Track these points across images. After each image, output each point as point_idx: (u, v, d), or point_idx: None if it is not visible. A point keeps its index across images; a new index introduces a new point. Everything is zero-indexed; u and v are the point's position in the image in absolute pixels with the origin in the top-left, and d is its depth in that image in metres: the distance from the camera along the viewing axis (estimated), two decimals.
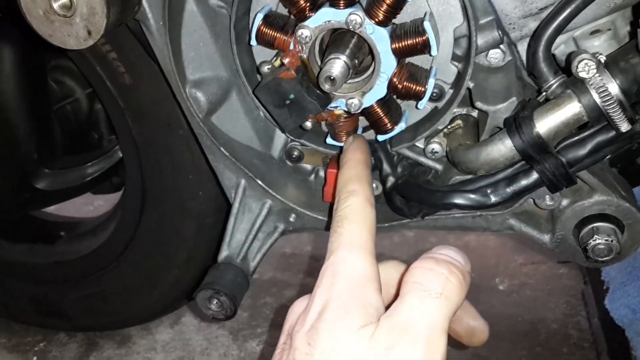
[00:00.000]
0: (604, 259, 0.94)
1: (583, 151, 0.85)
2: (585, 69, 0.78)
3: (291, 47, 0.90)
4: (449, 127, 0.98)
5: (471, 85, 0.92)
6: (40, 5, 0.80)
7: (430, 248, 0.65)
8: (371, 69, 0.92)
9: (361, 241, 0.64)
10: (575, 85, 0.82)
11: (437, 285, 0.57)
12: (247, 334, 1.77)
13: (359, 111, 0.94)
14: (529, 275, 1.99)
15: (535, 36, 0.84)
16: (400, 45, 0.87)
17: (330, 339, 0.56)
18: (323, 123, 1.02)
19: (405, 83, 0.91)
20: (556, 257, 1.92)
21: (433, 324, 0.55)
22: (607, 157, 0.88)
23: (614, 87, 0.79)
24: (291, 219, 1.08)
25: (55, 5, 0.80)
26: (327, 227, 1.05)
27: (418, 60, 0.94)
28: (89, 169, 1.52)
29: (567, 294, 1.90)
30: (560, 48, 0.91)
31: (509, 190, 0.88)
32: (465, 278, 0.60)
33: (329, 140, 1.02)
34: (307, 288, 0.63)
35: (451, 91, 0.96)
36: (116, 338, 1.75)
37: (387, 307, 0.59)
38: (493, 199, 0.89)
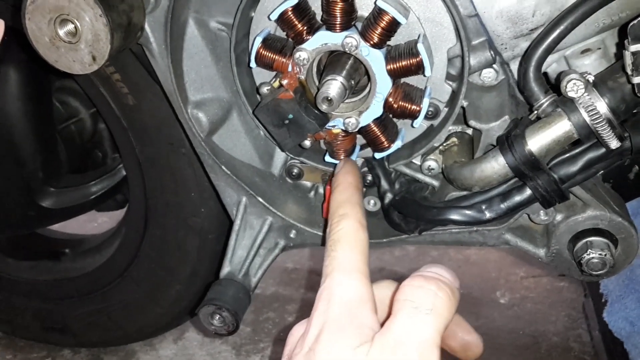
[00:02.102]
0: (598, 272, 0.95)
1: (574, 168, 0.87)
2: (574, 88, 0.80)
3: (289, 68, 0.93)
4: (444, 144, 1.00)
5: (465, 103, 0.94)
6: (47, 32, 0.82)
7: (431, 262, 0.66)
8: (367, 89, 0.95)
9: (354, 264, 0.66)
10: (565, 104, 0.84)
11: (427, 301, 0.59)
12: (250, 349, 1.78)
13: (356, 130, 0.96)
14: (530, 289, 2.00)
15: (526, 56, 0.87)
16: (395, 66, 0.90)
17: None
18: (321, 141, 1.04)
19: (400, 103, 0.94)
20: (556, 270, 1.94)
21: (424, 340, 0.56)
22: (599, 173, 0.90)
23: (602, 106, 0.81)
24: (292, 235, 1.10)
25: (61, 32, 0.82)
26: (323, 242, 1.06)
27: (413, 80, 0.96)
28: (93, 187, 1.53)
29: (568, 307, 1.91)
30: (552, 67, 0.93)
31: (503, 206, 0.90)
32: (454, 293, 0.61)
33: (328, 158, 1.04)
34: (308, 303, 0.65)
35: (446, 109, 0.99)
36: (120, 354, 1.76)
37: (383, 325, 0.60)
38: (488, 214, 0.91)
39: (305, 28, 0.91)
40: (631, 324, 1.47)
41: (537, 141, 0.85)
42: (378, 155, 1.01)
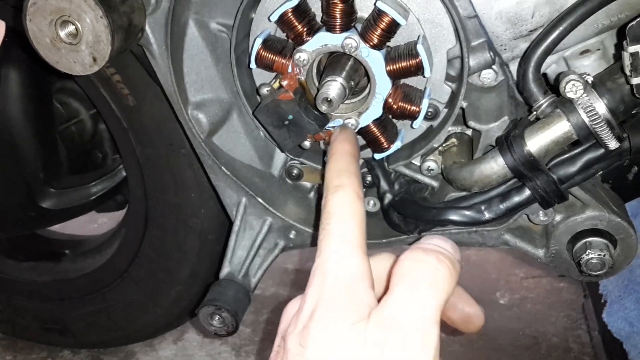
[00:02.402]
0: (598, 273, 0.96)
1: (573, 168, 0.87)
2: (572, 89, 0.80)
3: (289, 69, 0.93)
4: (444, 145, 1.00)
5: (465, 104, 0.94)
6: (47, 33, 0.82)
7: None
8: (367, 90, 0.95)
9: (351, 237, 0.62)
10: (564, 104, 0.84)
11: (426, 275, 0.56)
12: (250, 349, 1.78)
13: (356, 131, 0.97)
14: (530, 289, 2.00)
15: (525, 57, 0.87)
16: (395, 67, 0.90)
17: (322, 338, 0.55)
18: (321, 142, 1.04)
19: (400, 103, 0.94)
20: (555, 270, 1.94)
21: (424, 315, 0.54)
22: (598, 173, 0.91)
23: (601, 107, 0.81)
24: (291, 236, 1.10)
25: (62, 34, 0.82)
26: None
27: (413, 81, 0.96)
28: (94, 188, 1.53)
29: (568, 307, 1.91)
30: (552, 67, 0.94)
31: (502, 206, 0.91)
32: (455, 266, 0.58)
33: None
34: None
35: (445, 110, 0.99)
36: (120, 354, 1.76)
37: (380, 301, 0.57)
38: (487, 215, 0.91)
39: (305, 29, 0.91)
40: (630, 324, 1.47)
41: (536, 142, 0.86)
42: (378, 156, 1.01)
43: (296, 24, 0.91)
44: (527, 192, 0.89)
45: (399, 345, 0.53)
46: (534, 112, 0.88)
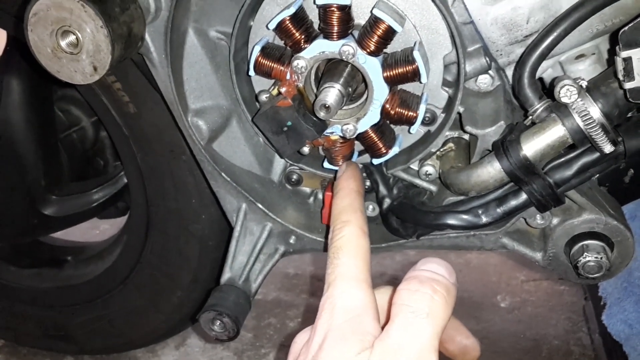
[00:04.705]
0: (595, 275, 0.96)
1: (569, 172, 0.88)
2: (567, 94, 0.81)
3: (288, 76, 0.94)
4: (441, 149, 1.01)
5: (461, 109, 0.95)
6: (49, 43, 0.83)
7: None
8: (365, 96, 0.96)
9: (357, 272, 0.67)
10: (559, 109, 0.85)
11: (423, 305, 0.60)
12: (252, 354, 1.78)
13: (354, 136, 0.98)
14: (531, 292, 2.00)
15: (520, 63, 0.88)
16: (392, 73, 0.91)
17: None
18: (320, 148, 1.05)
19: (397, 109, 0.95)
20: (554, 273, 1.94)
21: (422, 344, 0.58)
22: (594, 177, 0.92)
23: (595, 111, 0.82)
24: (291, 241, 1.11)
25: (63, 44, 0.83)
26: (325, 248, 1.07)
27: (410, 86, 0.97)
28: (95, 195, 1.54)
29: (569, 310, 1.91)
30: (548, 72, 0.95)
31: (500, 210, 0.91)
32: (450, 293, 0.62)
33: (326, 165, 1.05)
34: (310, 308, 0.66)
35: (443, 115, 1.00)
36: None
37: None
38: (484, 219, 0.92)
39: (303, 37, 0.92)
40: (630, 326, 1.47)
41: (532, 146, 0.86)
42: (376, 161, 1.02)
43: (294, 31, 0.92)
44: (523, 196, 0.90)
45: None
46: (530, 117, 0.88)
